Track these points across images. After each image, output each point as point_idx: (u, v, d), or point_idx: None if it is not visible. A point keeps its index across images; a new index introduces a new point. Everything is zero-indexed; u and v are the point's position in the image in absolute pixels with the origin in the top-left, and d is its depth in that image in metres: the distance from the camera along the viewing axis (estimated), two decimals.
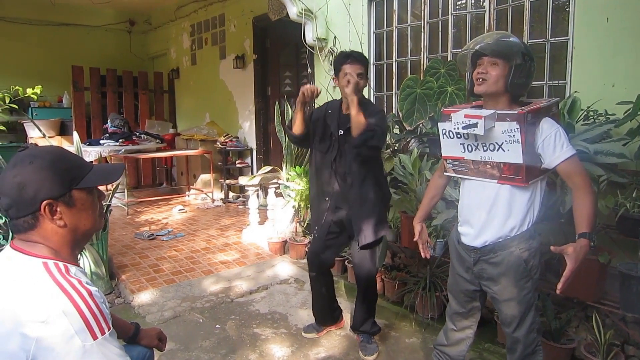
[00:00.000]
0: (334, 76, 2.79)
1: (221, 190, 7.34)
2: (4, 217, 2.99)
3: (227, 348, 3.03)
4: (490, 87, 1.96)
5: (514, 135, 1.87)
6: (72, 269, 1.28)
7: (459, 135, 2.05)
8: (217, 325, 3.32)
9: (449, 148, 2.13)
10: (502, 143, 1.92)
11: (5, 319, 1.14)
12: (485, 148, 1.98)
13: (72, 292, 1.17)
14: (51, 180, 1.25)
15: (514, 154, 1.89)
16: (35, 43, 8.66)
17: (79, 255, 3.63)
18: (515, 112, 1.87)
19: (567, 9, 3.10)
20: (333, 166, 2.82)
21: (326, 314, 3.17)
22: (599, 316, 2.56)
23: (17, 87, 3.98)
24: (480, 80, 1.97)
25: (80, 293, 1.18)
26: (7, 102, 4.02)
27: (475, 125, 1.89)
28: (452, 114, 2.02)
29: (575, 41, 3.01)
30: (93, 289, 1.23)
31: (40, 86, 4.05)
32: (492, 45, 1.95)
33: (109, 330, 1.22)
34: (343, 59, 2.69)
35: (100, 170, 1.40)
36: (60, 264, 1.25)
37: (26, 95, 4.02)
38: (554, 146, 1.87)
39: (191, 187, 7.78)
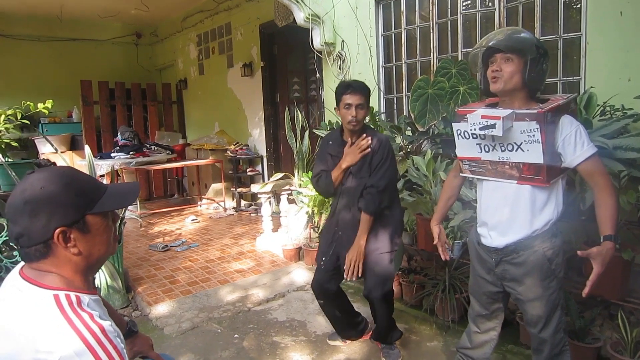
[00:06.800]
0: (335, 107, 2.73)
1: (233, 199, 7.35)
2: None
3: (247, 358, 3.01)
4: (507, 85, 1.91)
5: (533, 135, 1.82)
6: (85, 299, 1.21)
7: (475, 136, 2.00)
8: (236, 335, 3.30)
9: (465, 149, 2.08)
10: (521, 143, 1.87)
11: (19, 357, 1.10)
12: (503, 148, 1.94)
13: (83, 331, 1.11)
14: (64, 206, 1.18)
15: (534, 154, 1.85)
16: (43, 59, 8.74)
17: None
18: (535, 111, 1.82)
19: (579, 5, 3.06)
20: (341, 199, 2.78)
21: (348, 330, 3.06)
22: (624, 314, 2.51)
23: (28, 103, 3.98)
24: (495, 78, 1.93)
25: (92, 330, 1.12)
26: (19, 118, 4.03)
27: (493, 126, 1.84)
28: (467, 115, 1.97)
29: (588, 36, 2.97)
30: (106, 323, 1.16)
31: (51, 100, 4.05)
32: (505, 41, 1.90)
33: None
34: (343, 89, 2.66)
35: (116, 192, 1.32)
36: (72, 295, 1.18)
37: (37, 110, 4.03)
38: (575, 145, 1.83)
39: (203, 196, 7.79)
